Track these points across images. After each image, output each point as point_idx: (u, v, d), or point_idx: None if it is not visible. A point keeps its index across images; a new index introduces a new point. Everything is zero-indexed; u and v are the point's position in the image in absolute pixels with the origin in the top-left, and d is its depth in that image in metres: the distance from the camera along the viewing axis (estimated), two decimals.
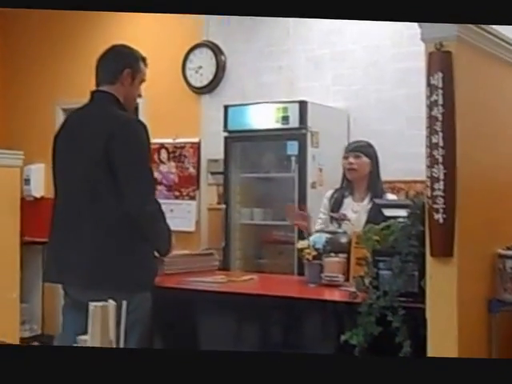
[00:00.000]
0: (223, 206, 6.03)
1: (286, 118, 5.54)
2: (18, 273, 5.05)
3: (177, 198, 6.92)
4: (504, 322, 2.73)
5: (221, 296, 3.23)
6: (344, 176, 4.30)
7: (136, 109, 7.40)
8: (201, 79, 6.79)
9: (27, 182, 7.72)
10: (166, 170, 7.01)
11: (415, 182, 5.68)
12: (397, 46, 5.83)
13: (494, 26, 2.78)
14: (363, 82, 6.00)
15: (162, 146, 7.01)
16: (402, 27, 5.77)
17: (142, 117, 7.23)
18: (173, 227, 6.75)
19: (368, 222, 3.53)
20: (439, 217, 2.52)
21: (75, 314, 3.25)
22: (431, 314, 2.58)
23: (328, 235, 3.52)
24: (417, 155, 5.66)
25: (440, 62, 2.54)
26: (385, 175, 4.57)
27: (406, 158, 5.68)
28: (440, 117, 2.52)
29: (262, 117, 5.72)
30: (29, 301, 6.93)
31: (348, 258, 3.36)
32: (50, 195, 7.77)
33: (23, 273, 7.12)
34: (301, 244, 3.38)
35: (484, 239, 2.75)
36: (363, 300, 2.76)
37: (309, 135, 5.50)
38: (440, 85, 2.53)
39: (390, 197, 4.27)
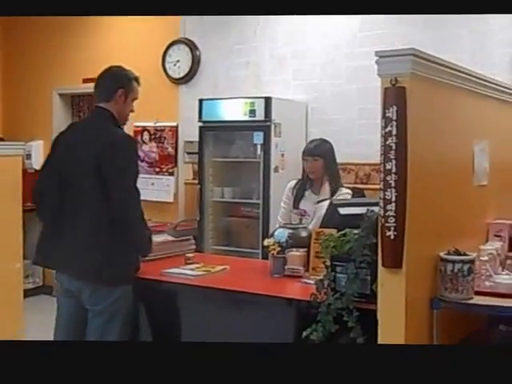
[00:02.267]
0: (198, 186, 5.90)
1: (253, 112, 5.41)
2: (21, 247, 4.84)
3: (157, 173, 6.79)
4: (444, 318, 2.65)
5: (197, 289, 3.09)
6: (303, 171, 4.17)
7: None
8: (178, 71, 6.60)
9: (28, 156, 7.66)
10: (147, 149, 6.86)
11: (363, 164, 5.62)
12: (350, 47, 5.69)
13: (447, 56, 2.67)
14: (320, 77, 5.85)
15: (145, 128, 6.88)
16: (356, 30, 5.63)
17: None
18: (154, 198, 6.78)
19: (324, 220, 3.42)
20: (390, 234, 2.41)
21: (66, 300, 3.15)
22: (382, 314, 2.48)
23: (290, 230, 3.39)
24: (366, 141, 5.67)
25: (394, 96, 2.39)
26: (338, 159, 4.44)
27: (356, 144, 5.60)
28: (394, 146, 2.39)
29: (232, 110, 5.58)
30: (31, 257, 6.80)
31: (308, 252, 3.25)
32: None
33: (26, 235, 7.00)
34: (267, 241, 3.25)
35: (429, 246, 2.65)
36: (322, 300, 2.65)
37: (272, 126, 5.39)
38: (394, 117, 2.39)
39: (344, 191, 4.13)
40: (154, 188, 6.78)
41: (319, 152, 4.12)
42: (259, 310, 2.89)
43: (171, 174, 6.72)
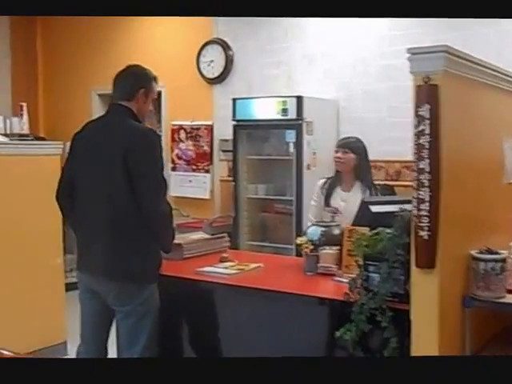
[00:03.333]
0: (232, 183, 5.81)
1: (285, 110, 5.29)
2: (61, 243, 4.81)
3: (194, 170, 6.72)
4: (476, 316, 2.51)
5: (231, 288, 2.99)
6: (335, 169, 4.03)
7: (159, 96, 7.17)
8: (212, 71, 6.50)
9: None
10: (184, 147, 6.79)
11: (394, 161, 5.48)
12: (381, 46, 5.55)
13: (475, 55, 2.51)
14: (351, 76, 5.71)
15: (181, 127, 6.80)
16: (386, 30, 5.48)
17: (163, 104, 7.03)
18: (191, 195, 6.71)
19: (356, 217, 3.29)
20: (424, 234, 2.28)
21: (89, 301, 3.04)
22: (415, 314, 2.36)
23: (323, 228, 3.28)
24: (396, 139, 5.52)
25: (427, 94, 2.26)
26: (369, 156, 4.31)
27: (386, 142, 5.47)
28: (427, 145, 2.26)
29: (265, 109, 5.47)
30: (74, 252, 6.80)
31: (340, 250, 3.13)
32: None
33: (68, 229, 7.01)
34: (299, 240, 3.14)
35: (461, 245, 2.51)
36: (355, 300, 2.54)
37: (304, 125, 5.27)
38: (427, 116, 2.25)
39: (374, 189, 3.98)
40: (191, 185, 6.72)
41: (350, 145, 3.96)
42: (292, 309, 2.78)
43: (207, 171, 6.64)
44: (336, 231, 3.28)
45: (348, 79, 5.71)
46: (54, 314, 4.73)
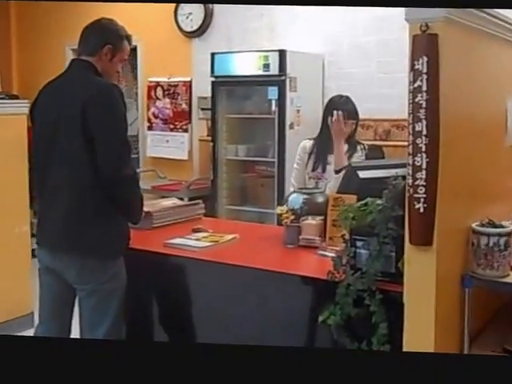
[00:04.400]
0: (211, 144, 5.47)
1: (267, 66, 4.94)
2: (28, 209, 4.49)
3: (171, 130, 6.37)
4: (477, 296, 2.23)
5: (201, 263, 2.69)
6: (323, 128, 3.67)
7: (134, 50, 6.76)
8: (191, 24, 6.10)
9: None
10: (161, 105, 6.42)
11: (383, 120, 5.16)
12: None
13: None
14: (338, 29, 5.32)
15: (158, 84, 6.42)
16: None
17: (139, 59, 6.62)
18: (168, 156, 6.36)
19: (342, 184, 2.99)
20: (420, 206, 1.98)
21: (48, 278, 2.74)
22: (409, 297, 2.08)
23: (305, 196, 2.97)
24: (385, 96, 5.19)
25: (425, 45, 1.93)
26: None
27: (375, 99, 5.13)
28: (424, 103, 1.94)
29: (246, 64, 5.11)
30: None
31: (325, 220, 2.83)
32: None
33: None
34: (280, 209, 2.83)
35: (461, 217, 2.22)
36: (340, 279, 2.25)
37: (287, 81, 4.92)
38: (425, 70, 1.93)
39: (361, 149, 3.67)
40: (168, 145, 6.38)
41: (357, 114, 3.64)
42: (268, 288, 2.50)
43: (185, 130, 6.29)
44: (320, 199, 2.99)
45: (334, 32, 5.33)
46: (20, 284, 4.43)
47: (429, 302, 2.06)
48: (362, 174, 2.88)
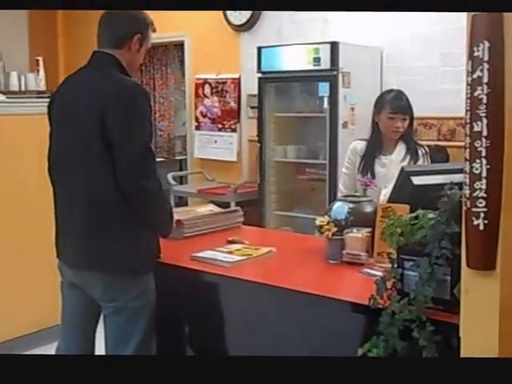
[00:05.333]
0: (258, 145, 5.21)
1: (317, 60, 4.64)
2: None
3: (220, 130, 6.15)
4: None
5: (228, 280, 2.43)
6: (374, 128, 3.38)
7: (181, 46, 6.58)
8: (240, 17, 5.86)
9: None
10: (209, 103, 6.22)
11: (448, 118, 4.80)
12: None
13: None
14: (398, 18, 4.97)
15: (206, 81, 6.21)
16: None
17: (186, 55, 6.43)
18: (216, 157, 6.14)
19: (394, 191, 2.68)
20: (479, 222, 1.67)
21: (72, 292, 2.54)
22: (467, 330, 1.77)
23: (351, 205, 2.68)
24: (450, 92, 4.81)
25: (487, 27, 1.62)
26: (417, 112, 3.68)
27: (439, 95, 4.78)
28: (484, 98, 1.63)
29: (295, 58, 4.83)
30: None
31: (372, 232, 2.54)
32: None
33: None
34: (319, 221, 2.55)
35: None
36: (384, 306, 1.95)
37: (340, 76, 4.60)
38: (485, 57, 1.62)
39: (421, 152, 3.35)
40: (216, 146, 6.17)
41: (410, 109, 3.33)
42: (300, 311, 2.23)
43: (234, 130, 6.06)
44: (367, 209, 2.69)
45: (394, 22, 4.99)
46: (50, 293, 4.26)
47: (491, 337, 1.74)
48: (416, 180, 2.57)
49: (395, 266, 2.00)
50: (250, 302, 2.43)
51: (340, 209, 2.67)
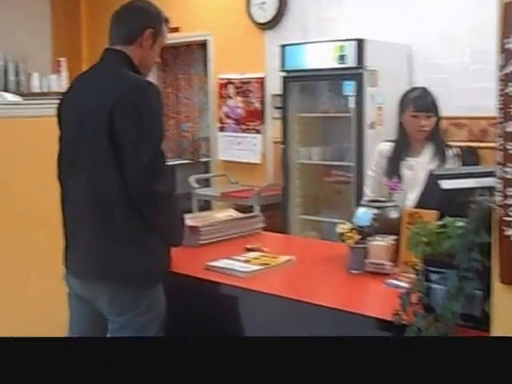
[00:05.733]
0: (282, 146, 5.08)
1: (342, 58, 4.48)
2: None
3: (243, 131, 6.02)
4: None
5: (245, 291, 2.30)
6: (400, 129, 3.22)
7: (205, 45, 6.48)
8: (264, 15, 5.73)
9: None
10: (233, 104, 6.09)
11: (479, 118, 4.60)
12: None
13: None
14: (425, 14, 4.80)
15: (229, 81, 6.09)
16: None
17: (209, 54, 6.32)
18: (240, 159, 6.03)
19: (422, 196, 2.53)
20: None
21: (79, 304, 2.43)
22: None
23: (375, 210, 2.53)
24: (481, 90, 4.61)
25: None
26: (448, 111, 3.53)
27: (470, 94, 4.60)
28: None
29: (319, 56, 4.67)
30: None
31: (398, 240, 2.39)
32: None
33: None
34: (341, 228, 2.41)
35: None
36: (409, 323, 1.80)
37: (366, 74, 4.44)
38: None
39: (451, 153, 3.18)
40: (240, 147, 6.04)
41: (431, 106, 3.15)
42: (321, 327, 2.08)
43: (258, 131, 5.93)
44: (393, 214, 2.54)
45: (422, 18, 4.82)
46: (55, 303, 4.14)
47: None
48: (445, 184, 2.42)
49: (421, 278, 1.85)
50: (266, 316, 2.29)
51: (363, 215, 2.52)
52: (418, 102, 3.15)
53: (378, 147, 3.32)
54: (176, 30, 6.43)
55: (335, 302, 2.11)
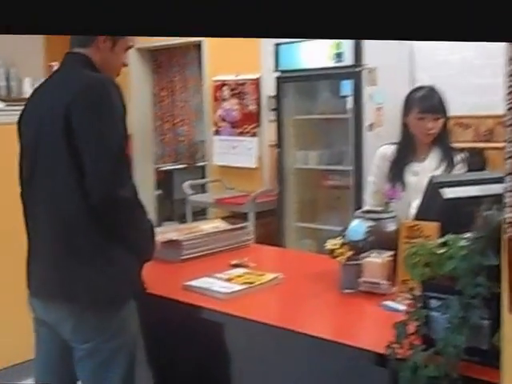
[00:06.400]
0: (277, 150, 4.83)
1: (339, 55, 4.22)
2: None
3: (239, 134, 5.77)
4: None
5: (223, 316, 2.06)
6: (404, 131, 2.98)
7: (198, 47, 6.23)
8: None
9: None
10: (228, 106, 5.86)
11: (486, 117, 4.34)
12: None
13: None
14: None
15: (224, 83, 5.86)
16: None
17: (204, 54, 6.08)
18: (236, 164, 5.78)
19: (421, 206, 2.28)
20: None
21: (42, 330, 2.19)
22: None
23: (370, 223, 2.28)
24: (487, 87, 4.38)
25: None
26: (452, 110, 3.26)
27: (474, 91, 4.33)
28: None
29: (314, 54, 4.41)
30: None
31: (395, 256, 2.15)
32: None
33: None
34: (331, 244, 2.16)
35: None
36: (405, 356, 1.56)
37: (365, 73, 4.18)
38: None
39: (459, 158, 2.93)
40: (235, 152, 5.80)
41: (439, 107, 2.91)
42: (307, 357, 1.84)
43: (254, 135, 5.69)
44: (391, 227, 2.30)
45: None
46: (20, 325, 3.87)
47: None
48: (448, 193, 2.17)
49: (419, 305, 1.60)
50: (246, 342, 2.05)
51: (357, 228, 2.27)
52: (425, 102, 2.90)
53: (380, 151, 3.07)
54: None
55: (322, 329, 1.87)
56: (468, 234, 1.61)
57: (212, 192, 6.01)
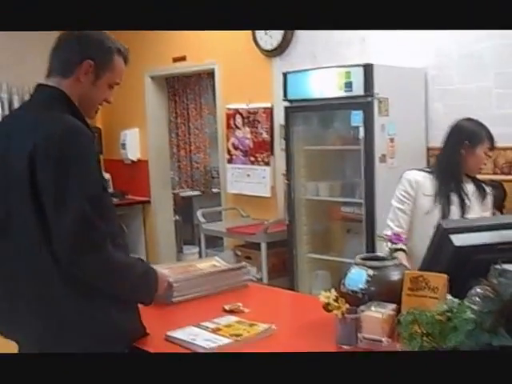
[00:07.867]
0: (286, 182, 4.57)
1: (349, 85, 3.94)
2: None
3: (252, 163, 5.54)
4: None
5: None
6: (454, 162, 2.96)
7: (212, 75, 6.01)
8: (271, 41, 5.24)
9: (123, 146, 6.87)
10: (241, 135, 5.62)
11: (505, 148, 4.04)
12: None
13: None
14: (442, 35, 4.25)
15: (237, 111, 5.63)
16: None
17: (217, 83, 5.86)
18: (250, 192, 5.51)
19: (427, 256, 2.00)
20: None
21: None
22: None
23: (370, 271, 1.99)
24: (507, 117, 4.08)
25: None
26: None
27: (493, 121, 3.99)
28: None
29: (323, 83, 4.14)
30: (135, 252, 6.35)
31: (398, 309, 1.86)
32: (145, 158, 6.67)
33: (128, 228, 6.37)
34: (324, 296, 1.88)
35: None
36: None
37: (376, 103, 3.90)
38: None
39: (489, 190, 3.04)
40: (249, 180, 5.55)
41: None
42: None
43: (267, 163, 5.43)
44: (394, 276, 2.01)
45: (439, 39, 4.28)
46: None
47: None
48: (458, 240, 1.89)
49: None
50: None
51: (357, 276, 1.99)
52: (492, 136, 3.03)
53: (409, 176, 2.97)
54: (183, 58, 6.00)
55: None
56: (478, 290, 1.33)
57: (227, 220, 5.77)
